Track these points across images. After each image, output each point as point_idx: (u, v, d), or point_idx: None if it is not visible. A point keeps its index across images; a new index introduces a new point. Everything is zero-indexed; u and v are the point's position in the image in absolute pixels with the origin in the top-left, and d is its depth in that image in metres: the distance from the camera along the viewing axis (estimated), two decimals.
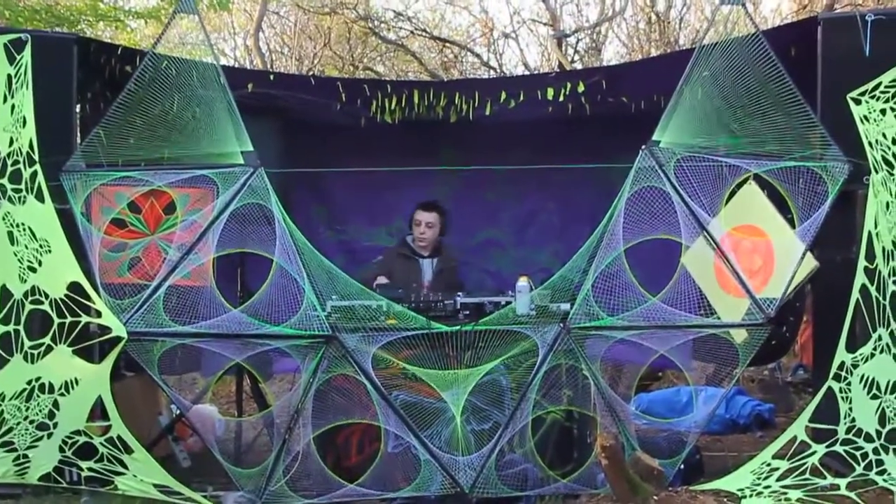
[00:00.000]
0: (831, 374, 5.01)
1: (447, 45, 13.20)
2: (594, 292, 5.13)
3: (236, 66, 11.63)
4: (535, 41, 12.95)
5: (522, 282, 5.35)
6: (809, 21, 5.61)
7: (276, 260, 5.10)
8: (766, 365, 8.12)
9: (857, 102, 5.17)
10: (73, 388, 5.01)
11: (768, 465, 5.01)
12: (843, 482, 4.78)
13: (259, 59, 13.39)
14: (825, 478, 4.85)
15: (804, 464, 4.92)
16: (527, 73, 12.87)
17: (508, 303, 5.33)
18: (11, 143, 5.21)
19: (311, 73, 13.31)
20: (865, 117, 5.15)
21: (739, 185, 5.27)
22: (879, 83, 5.13)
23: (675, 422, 5.61)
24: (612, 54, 14.19)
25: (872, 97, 5.16)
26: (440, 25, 15.36)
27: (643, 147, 5.16)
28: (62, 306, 5.00)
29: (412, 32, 13.23)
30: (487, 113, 6.30)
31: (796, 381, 8.42)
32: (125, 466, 5.03)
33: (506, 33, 13.49)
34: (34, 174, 5.13)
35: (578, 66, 12.17)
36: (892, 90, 5.12)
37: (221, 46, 16.38)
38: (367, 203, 7.15)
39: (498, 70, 12.98)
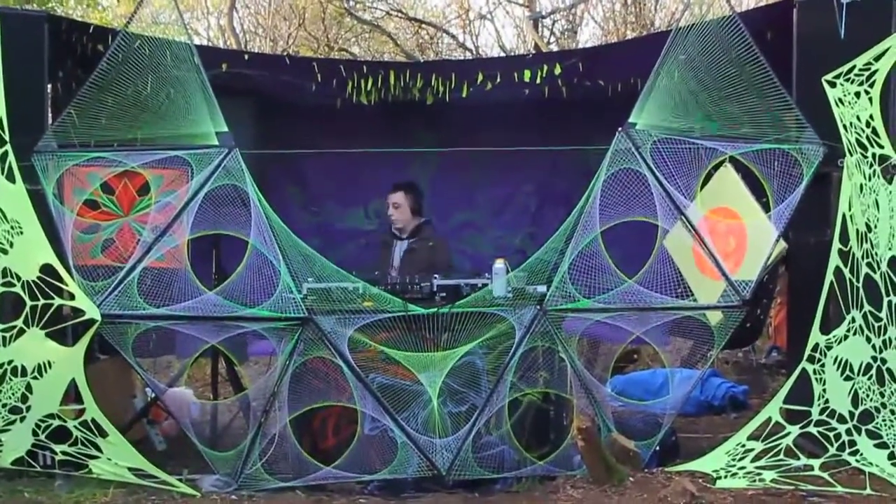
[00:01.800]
0: (805, 356, 5.04)
1: (423, 26, 13.12)
2: (571, 274, 5.14)
3: (210, 46, 11.46)
4: (511, 23, 12.89)
5: (499, 264, 5.33)
6: (785, 3, 5.61)
7: (252, 242, 5.06)
8: (743, 347, 8.16)
9: (832, 85, 5.15)
10: (46, 371, 4.94)
11: (743, 446, 5.05)
12: (816, 463, 4.81)
13: (233, 39, 13.27)
14: (799, 458, 4.88)
15: (778, 445, 4.95)
16: (503, 55, 12.83)
17: (485, 285, 5.33)
18: None
19: (285, 53, 13.20)
20: (840, 100, 5.13)
21: (715, 168, 5.29)
22: (854, 66, 5.11)
23: (651, 404, 5.62)
24: (588, 36, 14.22)
25: (847, 80, 5.13)
26: (416, 6, 15.31)
27: (620, 129, 5.16)
28: (34, 288, 4.92)
29: (387, 13, 13.14)
30: (464, 95, 6.29)
31: (770, 363, 8.49)
32: (99, 450, 4.97)
33: (482, 14, 13.45)
34: (4, 154, 5.01)
35: (554, 48, 12.15)
36: (867, 73, 5.10)
37: (195, 26, 16.22)
38: (343, 185, 7.11)
39: (474, 52, 12.93)
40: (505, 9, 13.52)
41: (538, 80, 6.18)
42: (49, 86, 5.81)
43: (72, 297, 4.91)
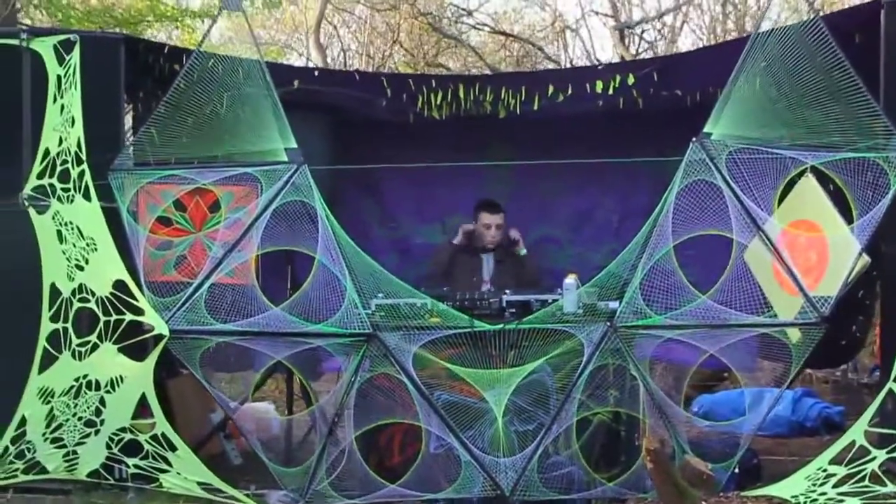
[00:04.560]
0: (893, 376, 4.77)
1: (516, 40, 13.08)
2: (644, 290, 4.98)
3: (281, 63, 11.64)
4: (607, 34, 12.73)
5: (570, 279, 5.23)
6: (872, 5, 5.35)
7: (318, 257, 5.07)
8: (838, 366, 7.81)
9: None
10: (118, 385, 5.08)
11: (824, 470, 4.80)
12: None
13: (320, 56, 13.45)
14: (886, 485, 4.62)
15: (863, 470, 4.69)
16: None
17: (556, 300, 5.22)
18: (61, 142, 5.29)
19: (379, 70, 13.33)
20: None
21: (795, 179, 5.07)
22: None
23: (729, 424, 5.40)
24: (689, 45, 13.91)
25: None
26: (514, 21, 15.29)
27: (694, 140, 4.99)
28: (108, 304, 5.05)
29: (473, 27, 13.15)
30: (535, 108, 6.17)
31: (872, 382, 8.08)
32: (169, 464, 5.07)
33: (568, 26, 13.31)
34: (82, 173, 5.20)
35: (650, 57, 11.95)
36: None
37: (295, 45, 16.59)
38: (419, 200, 7.08)
39: (564, 65, 12.82)
40: (601, 20, 13.31)
41: (611, 91, 6.02)
42: (130, 105, 5.97)
43: (142, 312, 5.01)
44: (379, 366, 5.01)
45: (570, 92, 6.09)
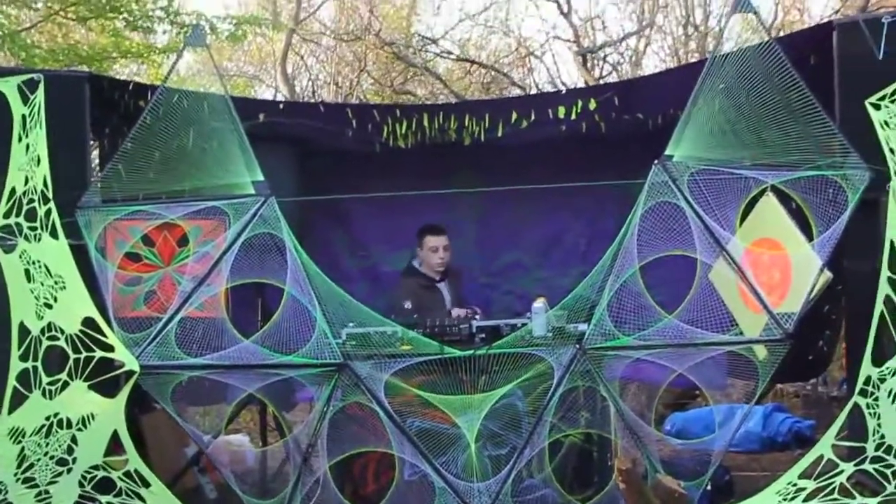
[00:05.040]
0: (857, 390, 4.85)
1: (482, 67, 13.23)
2: (612, 311, 5.04)
3: (246, 97, 11.70)
4: (571, 58, 12.88)
5: (538, 303, 5.29)
6: (825, 27, 5.47)
7: (288, 289, 5.09)
8: (807, 380, 7.91)
9: (877, 107, 5.01)
10: (90, 422, 5.04)
11: (794, 485, 4.85)
12: (873, 501, 4.62)
13: (287, 87, 13.53)
14: (854, 497, 4.69)
15: (832, 483, 4.75)
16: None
17: (525, 325, 5.27)
18: (27, 181, 5.27)
19: (347, 99, 13.42)
20: (885, 122, 4.99)
21: (756, 198, 5.16)
22: None
23: (701, 442, 5.45)
24: (652, 67, 14.09)
25: (892, 101, 5.01)
26: (480, 46, 15.43)
27: (656, 162, 5.06)
28: (77, 342, 5.04)
29: (439, 55, 13.29)
30: (500, 134, 6.26)
31: (842, 395, 8.18)
32: (143, 500, 5.04)
33: (531, 52, 13.46)
34: (48, 211, 5.18)
35: (613, 81, 12.11)
36: None
37: (262, 76, 16.65)
38: (387, 228, 7.12)
39: (529, 91, 12.96)
40: (564, 45, 13.48)
41: (573, 116, 6.12)
42: (95, 142, 5.98)
43: (112, 349, 5.00)
44: (351, 395, 5.03)
45: (533, 118, 6.18)
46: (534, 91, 13.56)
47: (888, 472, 4.70)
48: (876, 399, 4.79)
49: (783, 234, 5.07)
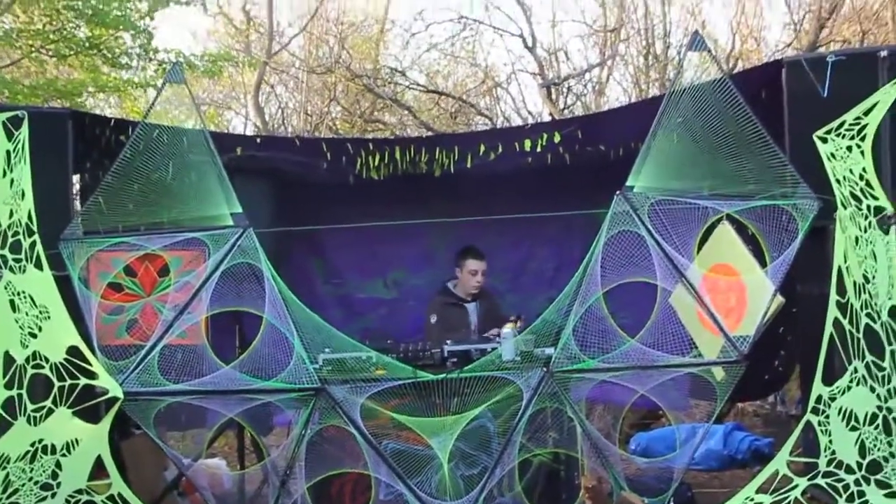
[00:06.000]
0: (809, 408, 5.10)
1: (449, 97, 13.51)
2: (578, 335, 5.26)
3: (223, 132, 11.91)
4: (536, 88, 13.21)
5: (507, 328, 5.53)
6: (774, 64, 5.77)
7: (266, 316, 5.27)
8: (765, 397, 8.16)
9: (824, 141, 5.25)
10: (73, 448, 5.16)
11: (751, 500, 5.08)
12: None
13: (260, 120, 13.75)
14: None
15: (786, 498, 4.99)
16: (520, 121, 13.16)
17: (495, 349, 5.48)
18: (11, 215, 5.40)
19: (318, 127, 13.64)
20: (832, 155, 5.24)
21: (713, 226, 5.41)
22: (844, 121, 5.23)
23: (664, 460, 5.67)
24: (615, 97, 14.43)
25: (838, 135, 5.26)
26: (447, 76, 15.71)
27: (617, 192, 5.30)
28: (62, 370, 5.18)
29: (407, 87, 13.55)
30: (469, 166, 6.50)
31: (799, 414, 8.44)
32: None
33: (498, 84, 13.78)
34: (33, 244, 5.30)
35: (579, 110, 12.42)
36: (857, 128, 5.23)
37: (236, 106, 16.83)
38: (362, 257, 7.34)
39: (495, 121, 13.26)
40: (531, 76, 13.80)
41: (539, 149, 6.37)
42: (77, 177, 6.16)
43: (96, 376, 5.16)
44: (328, 418, 5.21)
45: (500, 150, 6.43)
46: (500, 120, 13.89)
47: (839, 486, 4.92)
48: (827, 417, 5.02)
49: (739, 260, 5.33)
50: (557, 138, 6.33)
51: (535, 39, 13.14)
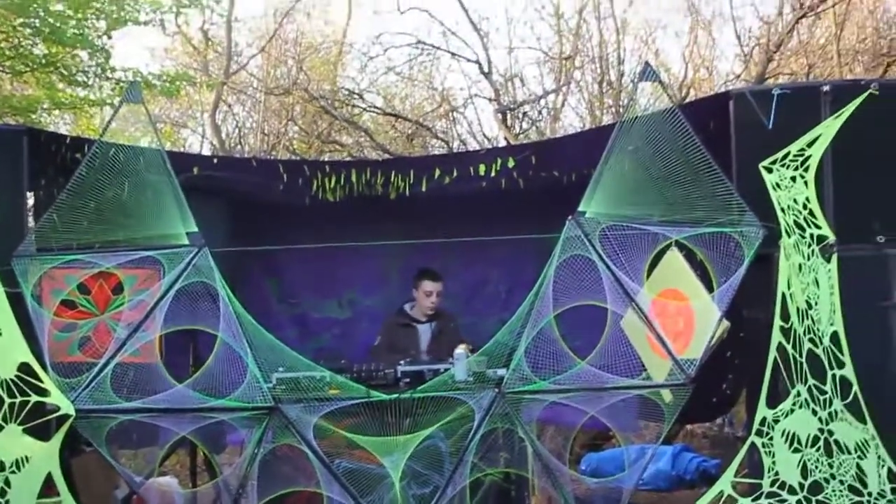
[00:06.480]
0: (754, 430, 5.23)
1: (406, 121, 13.63)
2: (530, 357, 5.34)
3: (180, 151, 11.92)
4: (491, 113, 13.39)
5: (460, 349, 5.59)
6: (722, 96, 5.93)
7: (220, 335, 5.29)
8: (712, 420, 8.30)
9: (769, 171, 5.44)
10: (24, 465, 5.13)
11: None
12: None
13: (217, 139, 13.76)
14: None
15: None
16: (476, 145, 13.31)
17: (447, 370, 5.55)
18: None
19: (275, 147, 13.67)
20: (777, 184, 5.42)
21: (663, 252, 5.53)
22: (788, 152, 5.42)
23: (613, 479, 5.76)
24: (570, 121, 14.61)
25: (783, 165, 5.45)
26: (404, 97, 15.82)
27: (570, 218, 5.41)
28: (12, 386, 5.15)
29: (364, 109, 13.65)
30: (423, 189, 6.58)
31: (746, 436, 8.58)
32: None
33: (454, 108, 13.93)
34: None
35: (534, 135, 12.58)
36: (801, 159, 5.42)
37: (192, 125, 16.80)
38: (317, 277, 7.39)
39: (451, 144, 13.40)
40: (485, 99, 13.98)
41: (493, 173, 6.48)
42: (31, 194, 6.14)
43: (48, 393, 5.14)
44: (281, 437, 5.23)
45: (455, 174, 6.52)
46: (456, 143, 14.00)
47: None
48: (771, 439, 5.17)
49: (686, 285, 5.44)
50: (511, 163, 6.44)
51: (492, 65, 13.35)
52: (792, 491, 5.09)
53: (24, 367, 5.17)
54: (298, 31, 15.60)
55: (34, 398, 5.13)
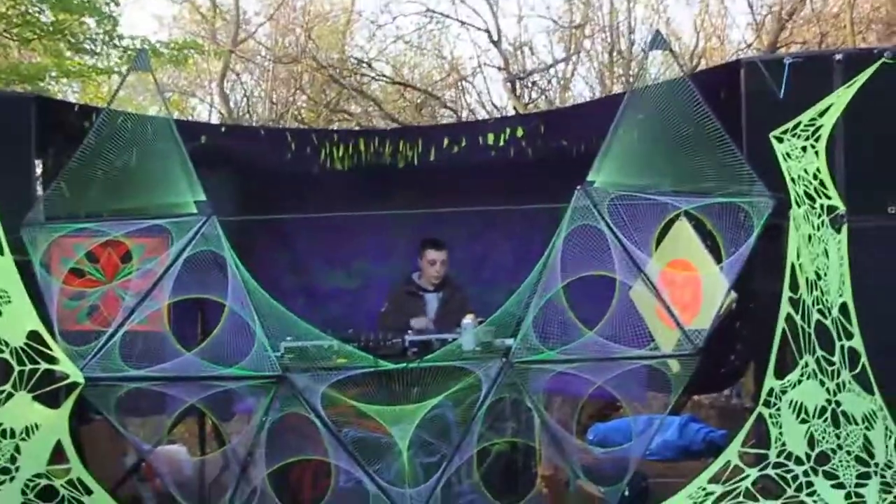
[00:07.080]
0: (761, 401, 5.22)
1: (414, 89, 13.58)
2: (537, 327, 5.33)
3: (188, 120, 11.89)
4: (501, 82, 13.31)
5: (467, 319, 5.58)
6: (733, 64, 5.88)
7: (228, 304, 5.30)
8: (721, 391, 8.30)
9: (780, 141, 5.39)
10: (33, 432, 5.16)
11: (704, 489, 5.19)
12: None
13: (225, 108, 13.73)
14: (758, 500, 5.03)
15: (737, 487, 5.10)
16: (485, 114, 13.26)
17: (455, 339, 5.55)
18: None
19: (283, 116, 13.64)
20: (788, 154, 5.38)
21: (671, 222, 5.51)
22: (799, 122, 5.38)
23: (620, 449, 5.77)
24: (579, 91, 14.55)
25: (794, 135, 5.40)
26: (413, 66, 15.76)
27: (578, 187, 5.38)
28: (22, 354, 5.17)
29: (373, 78, 13.61)
30: (432, 158, 6.56)
31: (754, 407, 8.57)
32: None
33: (463, 77, 13.86)
34: None
35: (543, 105, 12.52)
36: (812, 128, 5.37)
37: (200, 94, 16.76)
38: (325, 247, 7.37)
39: (461, 113, 13.35)
40: (495, 68, 13.89)
41: (501, 143, 6.44)
42: (40, 162, 6.14)
43: (57, 361, 5.16)
44: (289, 406, 5.24)
45: (463, 144, 6.49)
46: (465, 112, 13.98)
47: (788, 476, 5.06)
48: (778, 409, 5.16)
49: (695, 256, 5.43)
50: (521, 133, 6.41)
51: (501, 34, 13.27)
52: (799, 461, 5.08)
53: (34, 335, 5.19)
54: None
55: (43, 366, 5.15)
